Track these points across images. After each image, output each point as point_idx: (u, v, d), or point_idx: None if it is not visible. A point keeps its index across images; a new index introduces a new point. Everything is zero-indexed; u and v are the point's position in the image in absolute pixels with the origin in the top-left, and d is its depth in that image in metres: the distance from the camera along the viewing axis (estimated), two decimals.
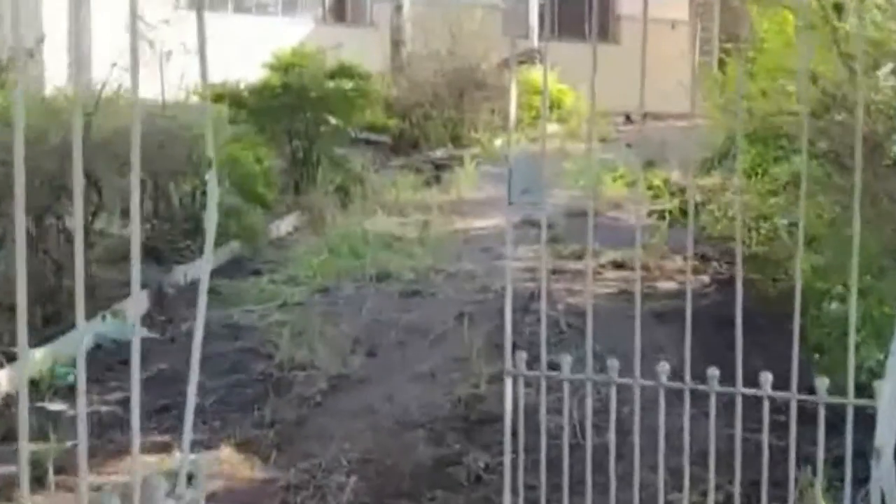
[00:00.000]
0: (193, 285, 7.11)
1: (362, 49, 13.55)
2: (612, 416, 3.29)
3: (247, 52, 10.83)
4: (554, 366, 5.24)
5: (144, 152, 5.43)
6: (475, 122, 14.83)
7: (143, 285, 6.63)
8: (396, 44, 15.08)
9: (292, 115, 10.16)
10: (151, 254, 7.15)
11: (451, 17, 15.20)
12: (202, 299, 2.17)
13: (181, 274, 7.09)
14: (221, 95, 10.02)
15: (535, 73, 17.13)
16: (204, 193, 7.86)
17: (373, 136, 12.26)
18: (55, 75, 10.00)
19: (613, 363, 3.37)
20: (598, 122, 17.24)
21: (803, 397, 3.07)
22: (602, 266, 7.78)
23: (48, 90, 9.40)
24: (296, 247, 8.36)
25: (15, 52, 9.35)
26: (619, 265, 7.78)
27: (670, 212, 8.69)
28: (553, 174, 12.70)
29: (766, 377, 3.08)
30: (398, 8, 15.84)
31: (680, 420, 3.48)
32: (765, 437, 3.08)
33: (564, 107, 17.36)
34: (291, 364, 5.35)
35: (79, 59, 10.97)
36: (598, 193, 10.51)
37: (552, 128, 16.95)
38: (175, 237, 7.43)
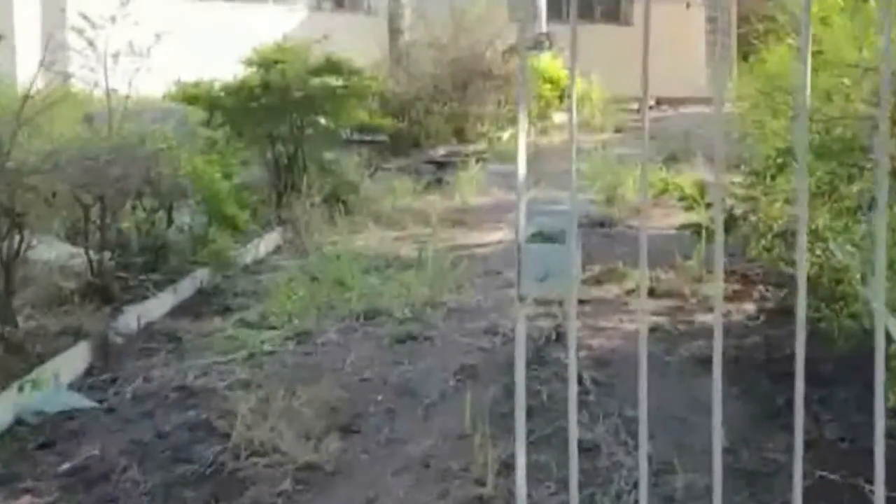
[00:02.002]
0: (148, 330, 6.05)
1: (359, 38, 12.47)
2: None
3: (234, 45, 9.71)
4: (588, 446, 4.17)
5: (89, 172, 4.24)
6: (480, 115, 13.73)
7: (84, 334, 5.56)
8: (395, 32, 13.95)
9: (274, 117, 9.07)
10: (97, 293, 6.08)
11: (454, 2, 14.07)
12: None
13: (133, 317, 6.01)
14: (195, 96, 8.95)
15: (545, 60, 16.05)
16: (170, 219, 6.81)
17: (367, 136, 11.16)
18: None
19: None
20: (611, 111, 16.13)
21: None
22: (628, 293, 6.67)
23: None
24: (274, 273, 7.28)
25: None
26: (648, 291, 6.64)
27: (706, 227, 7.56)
28: (564, 174, 11.61)
29: None
30: None
31: None
32: None
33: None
34: (250, 448, 4.27)
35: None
36: (618, 198, 9.41)
37: (560, 118, 15.85)
38: (128, 271, 6.35)
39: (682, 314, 6.21)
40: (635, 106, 18.47)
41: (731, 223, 7.58)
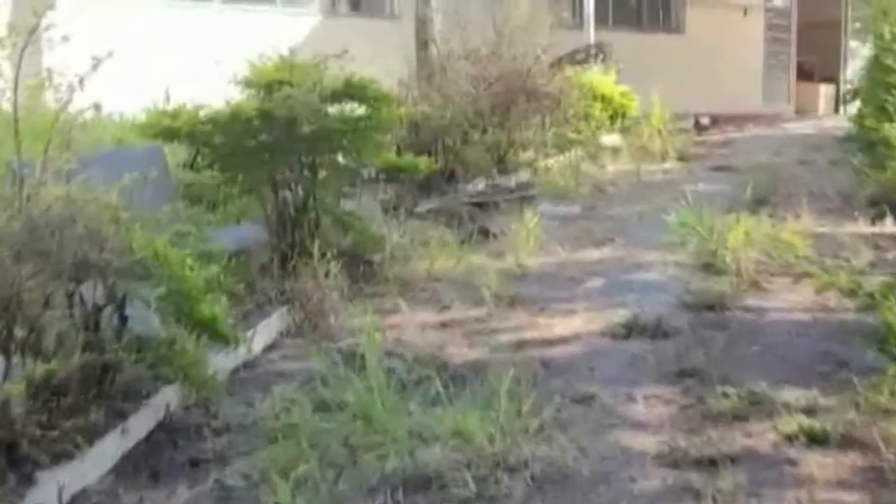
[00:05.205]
0: None
1: (380, 49, 10.37)
2: None
3: (236, 60, 7.53)
4: None
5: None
6: (524, 140, 11.63)
7: None
8: (425, 43, 11.81)
9: (278, 157, 6.98)
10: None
11: (493, 7, 11.96)
12: None
13: (52, 489, 3.92)
14: (174, 130, 6.86)
15: (595, 75, 14.01)
16: (122, 318, 4.74)
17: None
18: None
19: None
20: (672, 133, 14.00)
21: None
22: (790, 440, 4.51)
23: None
24: (272, 386, 5.17)
25: None
26: (815, 436, 4.50)
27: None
28: (641, 220, 9.43)
29: None
30: None
31: None
32: None
33: (629, 114, 14.10)
34: None
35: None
36: (723, 263, 7.28)
37: (610, 140, 13.77)
38: (51, 409, 4.24)
39: (888, 489, 4.06)
40: (687, 122, 16.34)
41: None
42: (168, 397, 4.87)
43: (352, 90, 7.17)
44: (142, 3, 12.88)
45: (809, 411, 4.75)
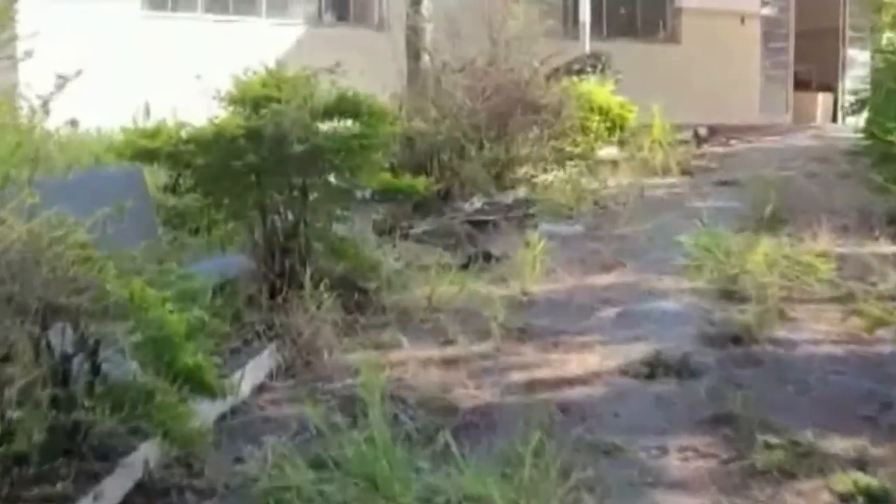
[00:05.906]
0: None
1: (369, 60, 9.88)
2: None
3: (217, 72, 7.02)
4: None
5: None
6: (521, 154, 11.15)
7: None
8: (416, 54, 11.31)
9: (267, 179, 6.48)
10: None
11: (488, 15, 11.47)
12: None
13: None
14: (153, 151, 6.34)
15: (592, 85, 13.54)
16: (94, 368, 4.25)
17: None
18: None
19: None
20: (672, 145, 13.52)
21: None
22: (844, 500, 4.03)
23: None
24: (262, 436, 4.67)
25: None
26: (873, 495, 4.02)
27: None
28: (650, 240, 8.92)
29: None
30: (416, 2, 12.03)
31: None
32: None
33: (627, 125, 13.63)
34: None
35: None
36: (747, 292, 6.78)
37: (607, 152, 13.29)
38: (13, 479, 3.72)
39: None
40: (688, 135, 15.80)
41: None
42: (146, 453, 4.35)
43: (345, 106, 6.67)
44: (122, 13, 12.38)
45: (861, 464, 4.29)
